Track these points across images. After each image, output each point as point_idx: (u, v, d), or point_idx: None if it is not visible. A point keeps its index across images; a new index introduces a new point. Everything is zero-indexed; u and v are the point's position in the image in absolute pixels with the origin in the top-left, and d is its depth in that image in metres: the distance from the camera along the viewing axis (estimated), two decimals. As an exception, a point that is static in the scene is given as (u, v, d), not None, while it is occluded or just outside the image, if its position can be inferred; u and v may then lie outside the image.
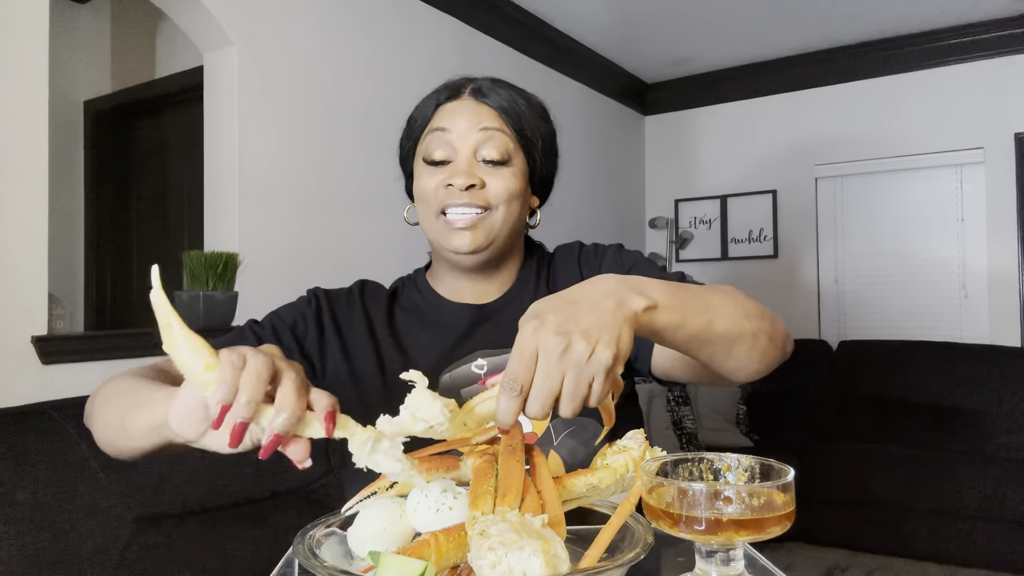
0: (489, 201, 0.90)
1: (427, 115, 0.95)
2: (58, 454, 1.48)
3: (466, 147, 0.91)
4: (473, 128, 0.91)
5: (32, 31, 1.76)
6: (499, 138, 0.91)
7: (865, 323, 4.07)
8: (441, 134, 0.92)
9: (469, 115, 0.92)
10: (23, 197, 1.72)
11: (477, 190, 0.89)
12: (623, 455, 0.62)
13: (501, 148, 0.91)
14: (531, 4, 3.38)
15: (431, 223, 0.92)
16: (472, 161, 0.91)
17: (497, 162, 0.91)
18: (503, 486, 0.55)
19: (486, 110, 0.93)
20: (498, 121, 0.92)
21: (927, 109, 3.89)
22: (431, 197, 0.91)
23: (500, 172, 0.91)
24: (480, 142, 0.91)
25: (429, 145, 0.92)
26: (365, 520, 0.58)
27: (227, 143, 2.26)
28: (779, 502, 0.52)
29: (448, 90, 0.96)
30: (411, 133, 0.98)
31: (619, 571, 0.50)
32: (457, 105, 0.94)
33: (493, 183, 0.90)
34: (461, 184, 0.88)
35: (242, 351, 0.57)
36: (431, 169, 0.92)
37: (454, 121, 0.92)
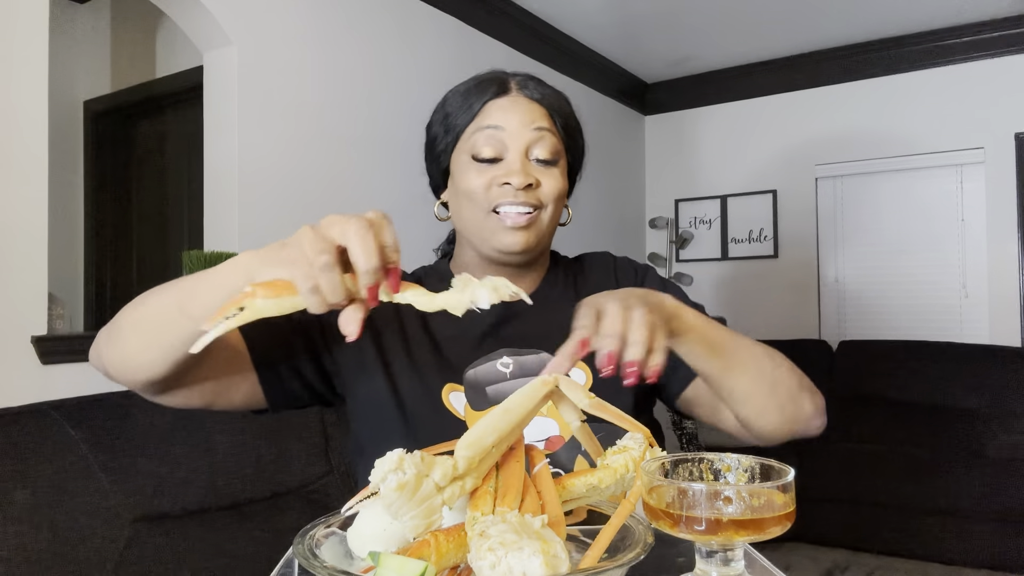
0: (541, 200, 0.90)
1: (472, 111, 0.93)
2: (58, 454, 1.48)
3: (518, 145, 0.90)
4: (526, 127, 0.91)
5: (32, 31, 1.76)
6: (550, 139, 0.92)
7: (865, 323, 4.07)
8: (493, 132, 0.90)
9: (522, 113, 0.91)
10: (23, 197, 1.72)
11: (532, 189, 0.90)
12: (623, 455, 0.63)
13: (552, 149, 0.92)
14: (531, 4, 3.38)
15: (479, 221, 0.91)
16: (525, 160, 0.90)
17: (547, 162, 0.91)
18: (503, 486, 0.55)
19: (537, 109, 0.93)
20: (548, 121, 0.93)
21: (927, 109, 3.89)
22: (481, 195, 0.90)
23: (551, 172, 0.92)
24: (532, 141, 0.91)
25: (477, 142, 0.91)
26: (365, 520, 0.58)
27: (227, 143, 2.26)
28: (779, 502, 0.52)
29: (494, 85, 0.94)
30: (451, 128, 0.95)
31: (619, 571, 0.50)
32: (508, 102, 0.93)
33: (546, 183, 0.90)
34: (520, 183, 0.88)
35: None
36: (480, 166, 0.91)
37: (507, 118, 0.91)
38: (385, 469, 0.49)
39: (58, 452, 1.49)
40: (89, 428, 1.55)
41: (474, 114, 0.93)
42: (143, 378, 0.76)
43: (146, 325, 0.73)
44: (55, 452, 1.48)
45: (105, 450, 1.55)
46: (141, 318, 0.74)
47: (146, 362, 0.73)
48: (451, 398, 0.88)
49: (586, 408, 0.64)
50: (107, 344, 0.77)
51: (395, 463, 0.50)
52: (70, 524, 1.44)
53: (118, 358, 0.76)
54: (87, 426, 1.56)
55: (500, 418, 0.56)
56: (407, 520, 0.50)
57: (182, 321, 0.69)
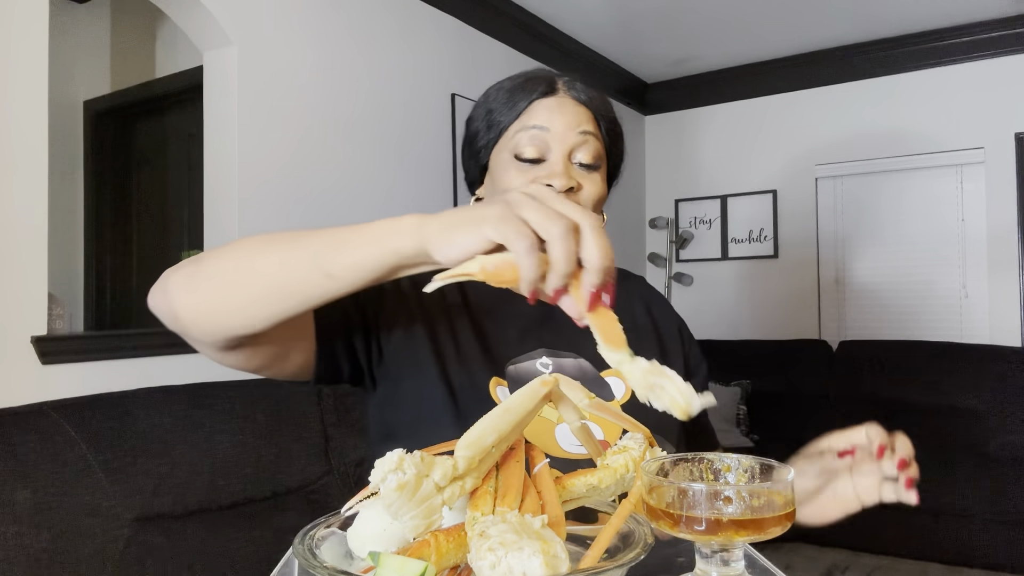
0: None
1: (517, 109, 0.92)
2: (58, 454, 1.48)
3: (561, 148, 0.89)
4: (572, 130, 0.89)
5: (32, 31, 1.76)
6: (594, 144, 0.91)
7: (865, 323, 4.07)
8: (538, 132, 0.89)
9: (570, 115, 0.90)
10: (23, 197, 1.72)
11: (572, 193, 0.88)
12: (623, 455, 0.63)
13: (595, 154, 0.91)
14: (531, 4, 3.38)
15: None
16: (567, 163, 0.89)
17: (590, 166, 0.91)
18: (503, 486, 0.55)
19: (584, 112, 0.92)
20: (593, 124, 0.92)
21: (927, 109, 3.89)
22: None
23: (592, 177, 0.91)
24: (577, 145, 0.90)
25: (520, 141, 0.90)
26: (365, 520, 0.58)
27: (227, 143, 2.26)
28: (779, 502, 0.52)
29: (542, 84, 0.93)
30: (493, 125, 0.94)
31: (619, 571, 0.50)
32: (555, 103, 0.91)
33: (587, 187, 0.90)
34: (561, 186, 0.86)
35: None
36: (521, 166, 0.90)
37: (552, 119, 0.90)
38: (385, 469, 0.49)
39: (58, 452, 1.49)
40: (89, 428, 1.56)
41: (519, 112, 0.92)
42: (227, 332, 0.68)
43: (259, 276, 0.65)
44: (55, 452, 1.48)
45: (105, 450, 1.55)
46: (252, 268, 0.66)
47: (245, 315, 0.66)
48: (497, 391, 0.87)
49: (586, 408, 0.64)
50: (188, 291, 0.69)
51: (395, 463, 0.50)
52: (70, 524, 1.44)
53: (202, 307, 0.68)
54: (87, 426, 1.56)
55: (500, 418, 0.56)
56: (407, 520, 0.50)
57: (314, 277, 0.62)
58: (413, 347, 0.89)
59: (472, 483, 0.54)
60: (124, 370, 1.92)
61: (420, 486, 0.50)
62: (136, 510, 1.55)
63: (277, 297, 0.65)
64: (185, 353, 2.07)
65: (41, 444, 1.47)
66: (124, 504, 1.53)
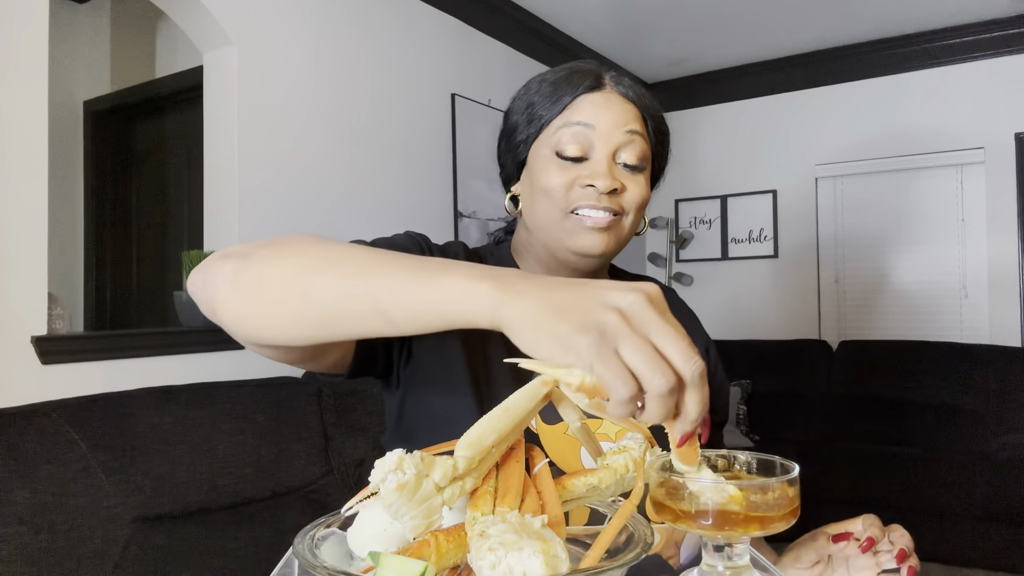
0: (623, 206, 0.85)
1: (561, 103, 0.87)
2: (58, 454, 1.48)
3: (606, 147, 0.85)
4: (618, 128, 0.85)
5: (32, 31, 1.76)
6: (640, 144, 0.86)
7: (865, 323, 4.07)
8: (582, 129, 0.85)
9: (617, 113, 0.86)
10: (23, 197, 1.72)
11: (616, 195, 0.85)
12: (623, 455, 0.63)
13: (640, 155, 0.86)
14: (531, 4, 3.38)
15: (555, 220, 0.85)
16: (611, 163, 0.85)
17: (635, 168, 0.86)
18: (503, 486, 0.55)
19: (632, 110, 0.87)
20: (641, 124, 0.87)
21: (927, 109, 3.89)
22: (561, 195, 0.84)
23: (636, 178, 0.87)
24: (622, 144, 0.85)
25: (563, 138, 0.85)
26: (365, 520, 0.58)
27: (227, 143, 2.26)
28: (785, 497, 0.52)
29: (588, 79, 0.88)
30: (534, 119, 0.89)
31: (619, 571, 0.50)
32: (602, 99, 0.86)
33: (631, 188, 0.86)
34: (605, 187, 0.82)
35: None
36: (563, 164, 0.85)
37: (598, 117, 0.85)
38: (385, 469, 0.49)
39: (58, 452, 1.49)
40: (89, 428, 1.56)
41: (563, 107, 0.87)
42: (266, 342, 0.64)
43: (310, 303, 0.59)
44: (55, 452, 1.48)
45: (105, 450, 1.55)
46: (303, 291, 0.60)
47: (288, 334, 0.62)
48: None
49: (586, 408, 0.64)
50: (231, 290, 0.63)
51: (395, 463, 0.50)
52: (70, 524, 1.44)
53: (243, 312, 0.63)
54: (87, 426, 1.56)
55: (500, 418, 0.56)
56: (407, 520, 0.50)
57: (373, 320, 0.57)
58: (446, 356, 0.85)
59: (472, 483, 0.54)
60: (124, 370, 1.92)
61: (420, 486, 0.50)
62: (136, 510, 1.55)
63: (326, 327, 0.60)
64: (185, 353, 2.07)
65: (41, 444, 1.47)
66: (124, 504, 1.53)
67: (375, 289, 0.56)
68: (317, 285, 0.59)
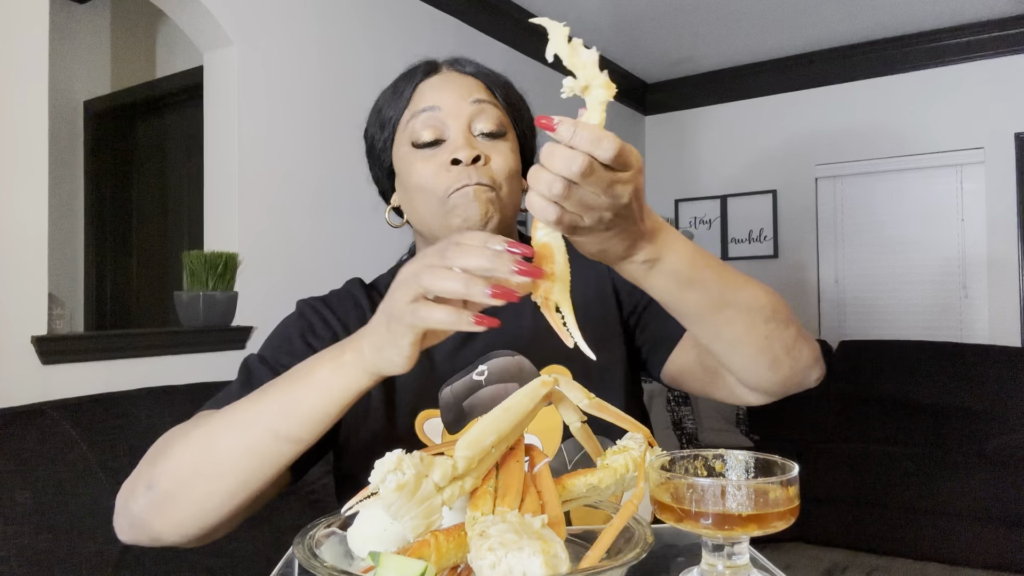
0: (494, 178, 0.81)
1: (404, 98, 0.87)
2: (58, 454, 1.48)
3: (459, 123, 0.82)
4: (464, 100, 0.83)
5: (32, 31, 1.76)
6: (491, 110, 0.84)
7: (865, 323, 4.07)
8: (430, 114, 0.83)
9: (458, 87, 0.84)
10: (23, 197, 1.72)
11: (483, 165, 0.81)
12: (623, 455, 0.63)
13: (496, 120, 0.84)
14: (531, 4, 3.38)
15: (435, 210, 0.82)
16: (468, 135, 0.82)
17: (495, 134, 0.83)
18: (503, 486, 0.55)
19: (472, 82, 0.86)
20: (487, 92, 0.85)
21: (927, 109, 3.89)
22: (431, 182, 0.81)
23: (499, 146, 0.83)
24: (473, 115, 0.83)
25: (415, 128, 0.83)
26: (365, 520, 0.58)
27: (227, 143, 2.26)
28: (784, 497, 0.52)
29: (423, 69, 0.87)
30: (386, 123, 0.89)
31: (619, 571, 0.50)
32: (440, 80, 0.85)
33: (495, 158, 0.82)
34: (467, 156, 0.79)
35: None
36: (424, 153, 0.83)
37: (440, 97, 0.83)
38: (384, 470, 0.49)
39: (58, 452, 1.49)
40: (89, 428, 1.56)
41: (407, 101, 0.86)
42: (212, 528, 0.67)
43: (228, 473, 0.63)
44: (55, 452, 1.48)
45: (105, 450, 1.55)
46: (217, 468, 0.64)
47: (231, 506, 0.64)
48: (425, 427, 0.83)
49: (586, 408, 0.64)
50: (158, 513, 0.65)
51: (394, 463, 0.50)
52: (70, 524, 1.44)
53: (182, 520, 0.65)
54: (87, 426, 1.56)
55: (499, 418, 0.56)
56: (407, 520, 0.50)
57: (282, 448, 0.62)
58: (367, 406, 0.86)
59: (472, 483, 0.54)
60: (124, 370, 1.92)
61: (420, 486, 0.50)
62: (136, 510, 1.55)
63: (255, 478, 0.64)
64: (185, 353, 2.07)
65: (41, 444, 1.47)
66: (124, 504, 1.53)
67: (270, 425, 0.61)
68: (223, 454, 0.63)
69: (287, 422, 0.62)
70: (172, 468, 0.65)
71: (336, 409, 0.62)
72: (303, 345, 0.83)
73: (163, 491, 0.65)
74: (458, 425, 0.83)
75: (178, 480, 0.64)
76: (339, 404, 0.61)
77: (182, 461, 0.65)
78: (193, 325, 2.08)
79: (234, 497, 0.64)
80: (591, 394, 0.64)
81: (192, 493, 0.64)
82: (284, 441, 0.62)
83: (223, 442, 0.64)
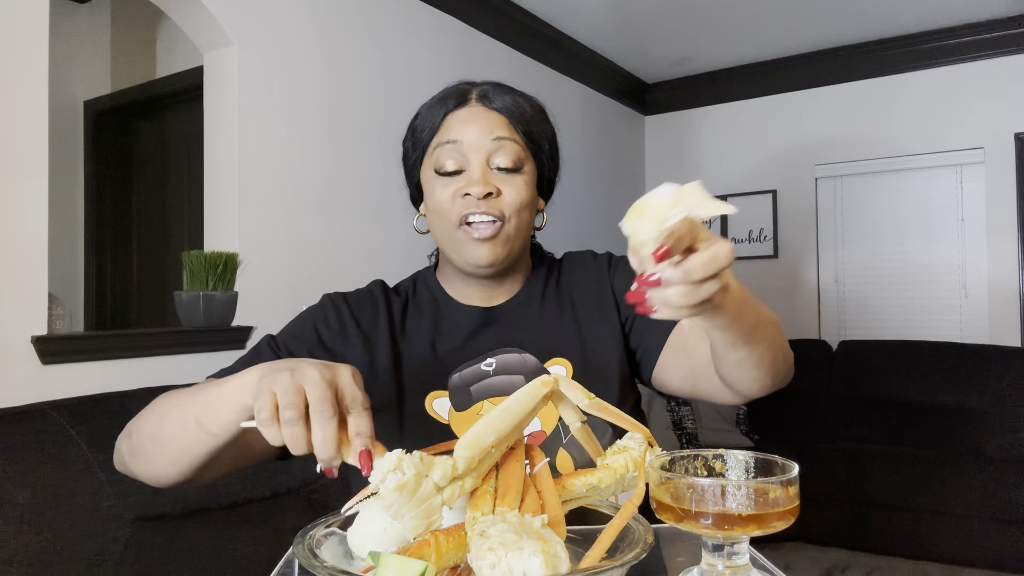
0: (503, 211, 0.90)
1: (435, 125, 0.95)
2: (58, 454, 1.48)
3: (479, 157, 0.91)
4: (485, 137, 0.91)
5: (32, 31, 1.76)
6: (510, 147, 0.92)
7: (865, 323, 4.07)
8: (453, 146, 0.92)
9: (481, 124, 0.92)
10: (23, 197, 1.72)
11: (493, 199, 0.90)
12: (623, 455, 0.63)
13: (513, 156, 0.92)
14: (531, 4, 3.38)
15: (449, 235, 0.92)
16: (486, 169, 0.91)
17: (510, 170, 0.92)
18: (503, 486, 0.55)
19: (496, 118, 0.93)
20: (508, 129, 0.93)
21: (927, 109, 3.89)
22: (447, 208, 0.91)
23: (513, 180, 0.92)
24: (492, 151, 0.91)
25: (440, 157, 0.92)
26: (365, 520, 0.58)
27: (227, 143, 2.26)
28: (784, 497, 0.52)
29: (455, 98, 0.95)
30: (418, 143, 0.97)
31: (619, 571, 0.50)
32: (467, 113, 0.93)
33: (507, 192, 0.91)
34: (479, 192, 0.88)
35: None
36: (444, 180, 0.92)
37: (464, 131, 0.92)
38: (384, 470, 0.49)
39: (58, 452, 1.49)
40: (89, 428, 1.56)
41: (436, 128, 0.94)
42: (173, 483, 0.80)
43: (167, 442, 0.76)
44: (55, 452, 1.48)
45: (105, 450, 1.55)
46: (161, 436, 0.77)
47: (174, 472, 0.78)
48: (434, 404, 0.91)
49: (586, 408, 0.64)
50: (131, 458, 0.82)
51: (394, 463, 0.50)
52: (70, 524, 1.44)
53: (147, 471, 0.80)
54: (87, 426, 1.56)
55: (500, 418, 0.56)
56: (407, 520, 0.50)
57: (203, 436, 0.72)
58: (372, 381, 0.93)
59: (472, 483, 0.54)
60: (124, 370, 1.92)
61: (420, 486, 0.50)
62: (136, 510, 1.55)
63: (186, 455, 0.75)
64: (185, 353, 2.07)
65: (41, 444, 1.47)
66: (124, 504, 1.53)
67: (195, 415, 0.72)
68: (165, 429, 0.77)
69: (206, 415, 0.71)
70: (139, 427, 0.81)
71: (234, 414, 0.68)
72: (312, 332, 0.94)
73: (135, 443, 0.80)
74: (464, 405, 0.91)
75: (140, 439, 0.80)
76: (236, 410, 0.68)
77: (146, 424, 0.80)
78: (193, 325, 2.07)
79: (176, 464, 0.76)
80: (591, 394, 0.64)
81: (148, 452, 0.79)
82: (203, 431, 0.72)
83: (168, 418, 0.76)
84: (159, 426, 0.77)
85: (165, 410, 0.78)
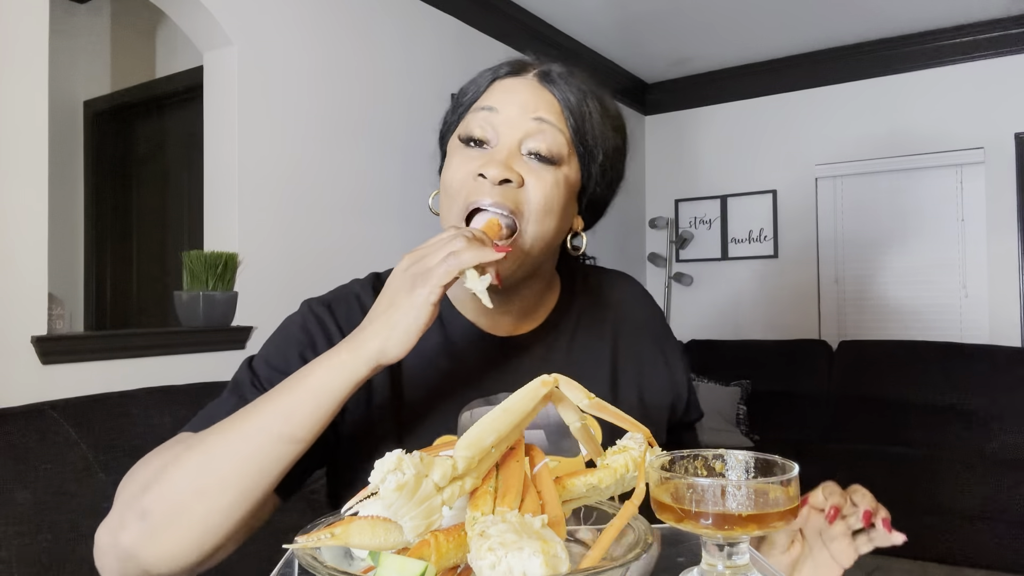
0: (520, 207, 0.73)
1: (479, 89, 0.79)
2: (58, 454, 1.48)
3: (512, 134, 0.74)
4: (526, 114, 0.74)
5: (32, 31, 1.76)
6: (552, 134, 0.74)
7: (865, 323, 4.07)
8: (488, 114, 0.75)
9: (526, 98, 0.75)
10: (23, 197, 1.72)
11: (512, 188, 0.72)
12: (623, 455, 0.63)
13: (552, 145, 0.74)
14: (531, 4, 3.38)
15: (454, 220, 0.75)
16: (515, 151, 0.74)
17: (544, 159, 0.74)
18: (503, 486, 0.55)
19: (547, 98, 0.76)
20: (557, 115, 0.75)
21: (927, 109, 3.89)
22: (457, 188, 0.74)
23: (543, 173, 0.74)
24: (530, 133, 0.74)
25: (470, 122, 0.76)
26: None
27: (227, 143, 2.26)
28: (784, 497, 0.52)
29: (510, 65, 0.79)
30: (457, 107, 0.81)
31: (619, 571, 0.50)
32: (515, 83, 0.77)
33: (532, 184, 0.73)
34: (495, 176, 0.71)
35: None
36: (464, 153, 0.76)
37: (505, 102, 0.75)
38: (384, 470, 0.49)
39: (58, 452, 1.49)
40: (89, 428, 1.55)
41: (480, 92, 0.78)
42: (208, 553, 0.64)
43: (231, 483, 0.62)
44: (55, 452, 1.48)
45: (105, 450, 1.55)
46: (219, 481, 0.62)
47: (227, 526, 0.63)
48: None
49: (586, 408, 0.64)
50: (152, 542, 0.61)
51: (394, 463, 0.49)
52: (70, 524, 1.44)
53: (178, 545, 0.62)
54: (87, 426, 1.56)
55: (500, 418, 0.56)
56: (407, 520, 0.50)
57: (283, 449, 0.62)
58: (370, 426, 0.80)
59: (472, 483, 0.54)
60: (124, 370, 1.92)
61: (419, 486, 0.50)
62: (136, 510, 1.55)
63: (256, 487, 0.63)
64: (185, 353, 2.07)
65: (41, 444, 1.47)
66: (124, 504, 1.53)
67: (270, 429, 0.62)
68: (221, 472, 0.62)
69: (288, 423, 0.62)
70: (169, 490, 0.62)
71: (335, 404, 0.63)
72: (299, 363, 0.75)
73: (160, 517, 0.61)
74: None
75: (177, 502, 0.62)
76: (338, 399, 0.63)
77: (180, 482, 0.62)
78: (193, 325, 2.07)
79: (235, 512, 0.63)
80: (591, 394, 0.64)
81: (193, 513, 0.62)
82: (286, 442, 0.63)
83: (222, 455, 0.62)
84: (204, 473, 0.62)
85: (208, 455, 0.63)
